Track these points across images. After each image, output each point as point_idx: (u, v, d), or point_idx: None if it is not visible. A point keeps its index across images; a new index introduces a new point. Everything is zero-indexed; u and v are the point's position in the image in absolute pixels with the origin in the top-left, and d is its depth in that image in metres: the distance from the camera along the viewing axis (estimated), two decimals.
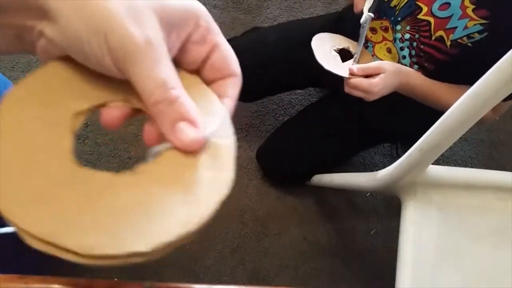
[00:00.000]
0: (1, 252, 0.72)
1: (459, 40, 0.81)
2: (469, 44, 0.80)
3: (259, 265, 1.16)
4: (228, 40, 1.10)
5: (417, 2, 0.84)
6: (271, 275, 1.16)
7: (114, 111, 0.24)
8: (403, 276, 0.73)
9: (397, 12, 0.88)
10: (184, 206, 0.21)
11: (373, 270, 1.21)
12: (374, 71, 0.83)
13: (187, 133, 0.22)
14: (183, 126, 0.22)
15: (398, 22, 0.89)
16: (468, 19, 0.78)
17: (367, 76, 0.84)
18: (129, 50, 0.21)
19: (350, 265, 1.20)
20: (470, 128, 0.63)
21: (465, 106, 0.60)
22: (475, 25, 0.78)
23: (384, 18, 0.92)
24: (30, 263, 0.91)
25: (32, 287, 0.29)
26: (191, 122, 0.22)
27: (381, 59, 0.95)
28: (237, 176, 0.92)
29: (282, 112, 1.35)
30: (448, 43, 0.83)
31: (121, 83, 0.23)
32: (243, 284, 1.14)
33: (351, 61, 0.91)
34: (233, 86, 0.27)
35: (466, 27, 0.79)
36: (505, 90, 0.55)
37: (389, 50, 0.94)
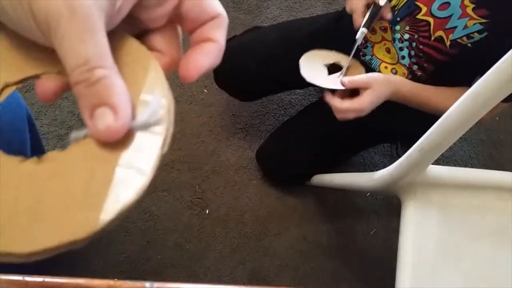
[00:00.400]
0: None
1: (458, 40, 0.81)
2: (469, 44, 0.80)
3: (259, 265, 1.16)
4: (228, 40, 1.09)
5: (416, 2, 0.84)
6: (271, 275, 1.16)
7: (48, 83, 0.21)
8: (403, 276, 0.73)
9: (396, 12, 0.88)
10: (79, 208, 0.18)
11: (373, 270, 1.21)
12: (363, 85, 0.84)
13: (103, 121, 0.19)
14: (101, 112, 0.19)
15: (397, 22, 0.89)
16: (468, 18, 0.78)
17: (354, 91, 0.85)
18: (51, 21, 0.18)
19: (350, 265, 1.20)
20: (470, 128, 0.63)
21: (465, 106, 0.60)
22: (474, 24, 0.78)
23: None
24: (30, 263, 0.91)
25: (32, 287, 0.29)
26: (113, 108, 0.19)
27: (381, 59, 0.95)
28: (237, 176, 0.93)
29: (282, 112, 1.35)
30: (448, 43, 0.83)
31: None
32: (243, 284, 1.14)
33: (338, 73, 0.92)
34: (216, 28, 0.24)
35: (466, 27, 0.79)
36: (505, 90, 0.55)
37: (388, 50, 0.94)
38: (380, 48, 0.95)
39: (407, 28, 0.87)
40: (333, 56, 0.97)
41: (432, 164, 0.74)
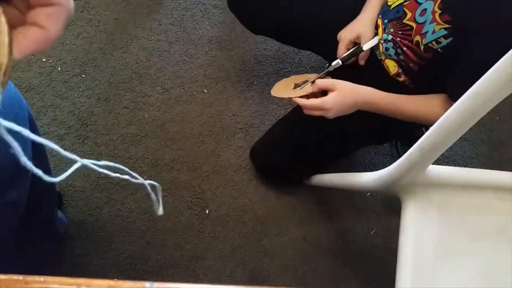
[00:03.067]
0: (1, 252, 0.72)
1: (429, 45, 0.85)
2: (439, 49, 0.84)
3: (259, 265, 1.16)
4: None
5: (404, 8, 0.89)
6: (271, 275, 1.16)
7: None
8: (403, 276, 0.73)
9: (390, 11, 0.94)
10: None
11: (373, 270, 1.21)
12: (330, 87, 0.88)
13: None
14: None
15: (387, 24, 0.94)
16: (435, 24, 0.82)
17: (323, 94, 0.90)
18: None
19: (350, 265, 1.20)
20: (470, 128, 0.63)
21: (465, 106, 0.60)
22: (440, 29, 0.82)
23: (380, 16, 0.97)
24: (31, 263, 0.91)
25: (33, 287, 0.29)
26: None
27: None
28: (237, 176, 0.93)
29: (282, 112, 1.35)
30: (422, 48, 0.87)
31: None
32: (243, 284, 1.14)
33: (302, 85, 0.98)
34: (48, 16, 0.25)
35: (434, 31, 0.83)
36: (505, 90, 0.55)
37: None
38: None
39: (391, 30, 0.92)
40: (305, 77, 1.02)
41: (432, 164, 0.74)
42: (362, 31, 0.95)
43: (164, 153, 1.24)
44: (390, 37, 0.93)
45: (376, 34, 0.97)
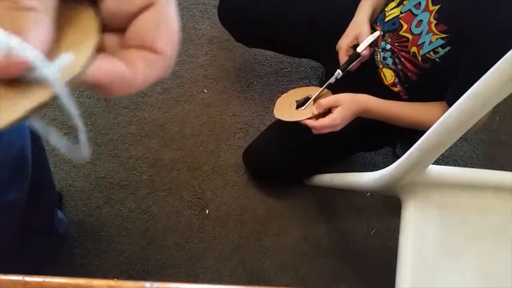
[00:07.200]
0: (1, 252, 0.72)
1: (427, 55, 0.85)
2: (437, 59, 0.84)
3: (259, 265, 1.16)
4: None
5: (400, 20, 0.89)
6: (271, 275, 1.16)
7: None
8: (403, 276, 0.73)
9: (385, 22, 0.93)
10: None
11: (373, 270, 1.21)
12: (334, 103, 0.89)
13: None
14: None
15: (384, 33, 0.94)
16: (431, 34, 0.82)
17: (325, 112, 0.90)
18: None
19: (350, 265, 1.20)
20: (470, 128, 0.63)
21: (465, 106, 0.60)
22: (437, 39, 0.82)
23: (378, 24, 0.96)
24: (31, 263, 0.91)
25: (32, 287, 0.29)
26: None
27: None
28: (237, 176, 0.92)
29: None
30: (420, 58, 0.87)
31: None
32: (243, 284, 1.14)
33: (305, 105, 0.97)
34: (143, 61, 0.22)
35: (431, 42, 0.83)
36: (505, 90, 0.55)
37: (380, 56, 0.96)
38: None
39: (389, 40, 0.92)
40: (306, 92, 1.01)
41: (432, 164, 0.74)
42: (357, 32, 0.94)
43: (164, 153, 1.24)
44: (388, 46, 0.93)
45: (373, 31, 0.96)
